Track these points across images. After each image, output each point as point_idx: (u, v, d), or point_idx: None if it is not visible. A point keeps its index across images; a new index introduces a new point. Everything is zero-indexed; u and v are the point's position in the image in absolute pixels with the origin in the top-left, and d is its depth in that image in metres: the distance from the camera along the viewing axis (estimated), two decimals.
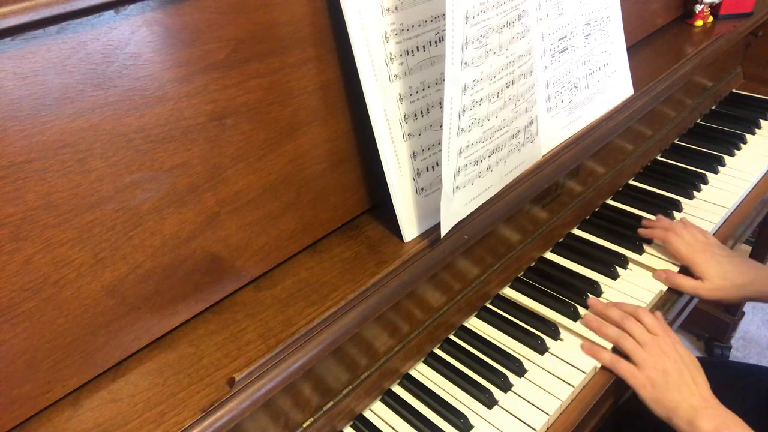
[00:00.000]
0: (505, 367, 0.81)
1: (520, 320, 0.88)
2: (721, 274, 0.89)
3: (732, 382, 0.99)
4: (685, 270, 0.93)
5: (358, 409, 0.76)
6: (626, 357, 0.80)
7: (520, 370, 0.80)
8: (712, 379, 0.94)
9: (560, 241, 1.03)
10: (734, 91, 1.43)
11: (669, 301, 0.91)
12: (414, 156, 0.72)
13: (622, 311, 0.84)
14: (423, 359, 0.84)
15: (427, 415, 0.76)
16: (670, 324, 1.02)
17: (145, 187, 0.56)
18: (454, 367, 0.82)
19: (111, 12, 0.49)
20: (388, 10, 0.64)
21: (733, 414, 0.72)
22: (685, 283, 0.91)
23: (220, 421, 0.56)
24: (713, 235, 1.03)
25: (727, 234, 1.05)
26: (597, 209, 1.10)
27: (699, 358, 0.83)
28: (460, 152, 0.69)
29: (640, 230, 1.00)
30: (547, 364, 0.81)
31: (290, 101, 0.65)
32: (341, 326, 0.65)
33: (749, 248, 1.70)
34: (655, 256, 0.97)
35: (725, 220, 1.06)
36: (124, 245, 0.56)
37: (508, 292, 0.94)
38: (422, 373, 0.82)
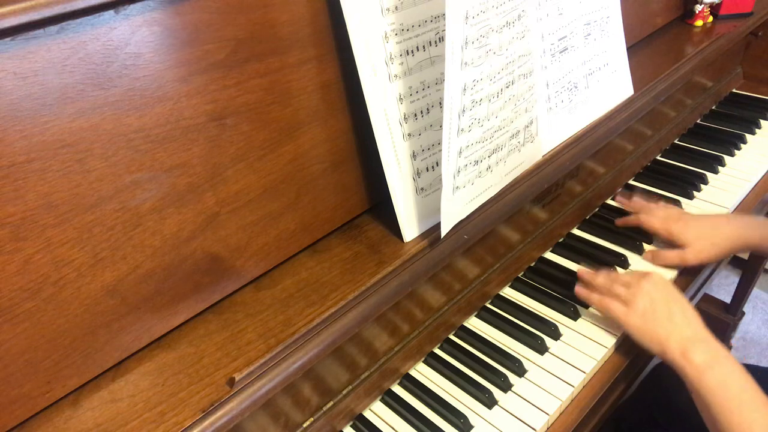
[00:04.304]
0: (505, 367, 0.81)
1: (520, 320, 0.88)
2: (698, 234, 0.91)
3: None
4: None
5: (358, 409, 0.76)
6: None
7: (520, 370, 0.80)
8: None
9: (560, 241, 1.03)
10: (734, 91, 1.43)
11: None
12: (414, 156, 0.72)
13: (607, 275, 0.86)
14: (423, 359, 0.84)
15: (427, 415, 0.76)
16: None
17: (145, 187, 0.56)
18: (454, 367, 0.82)
19: (111, 12, 0.49)
20: (388, 10, 0.64)
21: (725, 348, 0.72)
22: (670, 255, 0.93)
23: (220, 421, 0.56)
24: None
25: None
26: (597, 209, 1.10)
27: None
28: (460, 152, 0.69)
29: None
30: (547, 364, 0.81)
31: (290, 101, 0.65)
32: (341, 326, 0.65)
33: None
34: None
35: None
36: (124, 245, 0.56)
37: (508, 291, 0.94)
38: (422, 373, 0.82)
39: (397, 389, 0.81)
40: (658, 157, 1.23)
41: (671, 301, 0.77)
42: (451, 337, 0.87)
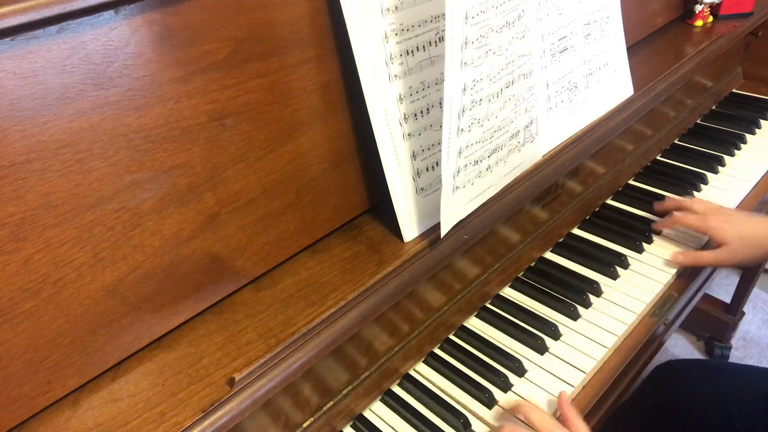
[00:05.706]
0: (505, 367, 0.81)
1: (520, 320, 0.88)
2: (737, 234, 0.87)
3: (732, 383, 0.99)
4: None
5: (358, 409, 0.76)
6: None
7: (520, 370, 0.80)
8: (712, 380, 0.93)
9: (560, 241, 1.03)
10: (734, 91, 1.43)
11: (669, 301, 0.91)
12: (414, 156, 0.72)
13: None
14: (423, 359, 0.84)
15: (427, 415, 0.76)
16: (671, 324, 1.02)
17: (145, 187, 0.56)
18: (454, 367, 0.82)
19: (111, 12, 0.49)
20: (388, 10, 0.64)
21: None
22: (705, 256, 0.89)
23: (220, 421, 0.56)
24: None
25: None
26: (597, 209, 1.10)
27: (699, 359, 0.82)
28: (460, 152, 0.69)
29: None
30: (547, 364, 0.81)
31: (290, 101, 0.65)
32: (341, 326, 0.65)
33: None
34: (656, 255, 0.97)
35: None
36: (124, 245, 0.56)
37: (508, 292, 0.94)
38: (422, 373, 0.82)
39: (397, 389, 0.81)
40: (658, 157, 1.23)
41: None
42: (451, 337, 0.87)
